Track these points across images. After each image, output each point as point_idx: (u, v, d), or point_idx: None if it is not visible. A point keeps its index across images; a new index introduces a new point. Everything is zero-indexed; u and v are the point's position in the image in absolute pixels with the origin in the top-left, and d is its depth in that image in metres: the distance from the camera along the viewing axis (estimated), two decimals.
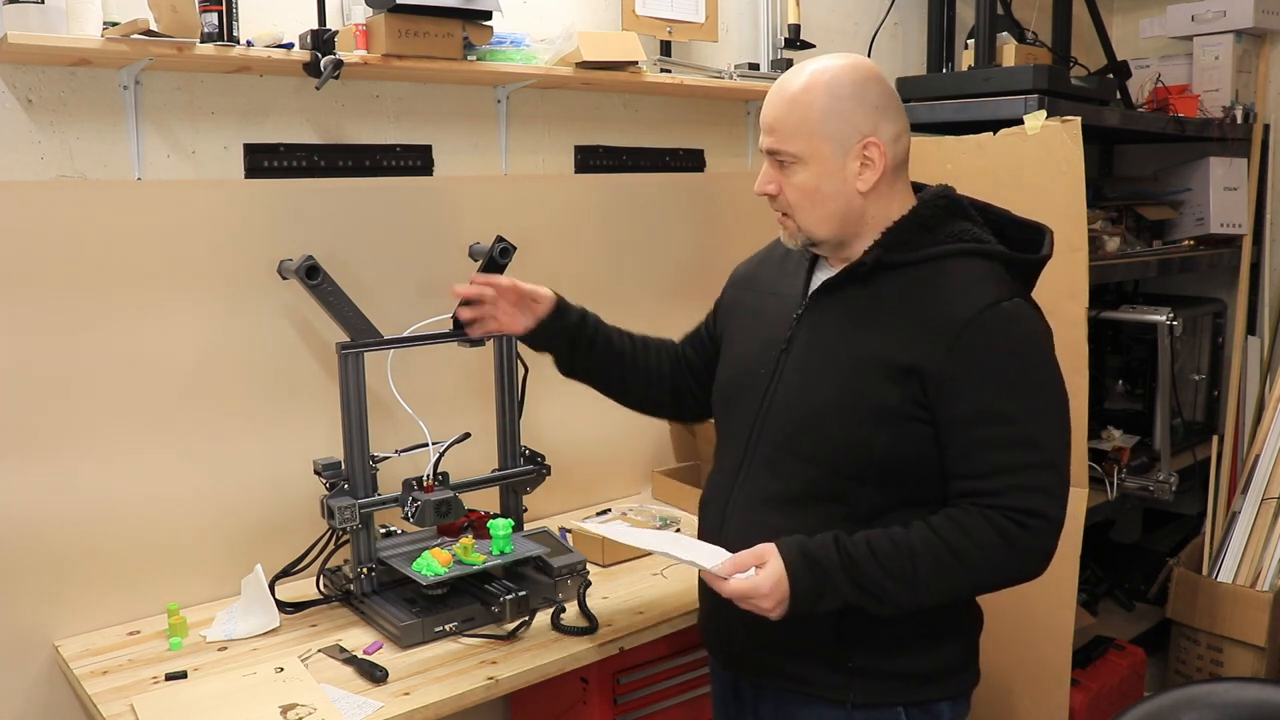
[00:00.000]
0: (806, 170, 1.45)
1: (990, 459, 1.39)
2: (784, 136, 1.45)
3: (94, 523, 1.87)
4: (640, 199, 2.59)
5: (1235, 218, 3.27)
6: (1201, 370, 3.33)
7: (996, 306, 1.40)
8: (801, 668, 1.50)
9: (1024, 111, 2.38)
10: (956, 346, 1.38)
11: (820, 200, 1.46)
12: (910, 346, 1.40)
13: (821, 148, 1.43)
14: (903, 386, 1.40)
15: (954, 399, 1.39)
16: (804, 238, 1.50)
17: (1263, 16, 3.19)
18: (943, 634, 1.52)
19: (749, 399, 1.56)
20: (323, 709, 1.56)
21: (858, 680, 1.49)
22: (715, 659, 1.71)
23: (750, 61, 2.67)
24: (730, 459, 1.58)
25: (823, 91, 1.43)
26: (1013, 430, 1.39)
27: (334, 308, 1.88)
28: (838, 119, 1.42)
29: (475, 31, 2.04)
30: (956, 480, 1.42)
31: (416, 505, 1.89)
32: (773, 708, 1.58)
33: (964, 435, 1.40)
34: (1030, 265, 1.51)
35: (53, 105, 1.80)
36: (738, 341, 1.65)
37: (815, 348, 1.50)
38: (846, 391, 1.44)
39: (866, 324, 1.45)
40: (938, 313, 1.40)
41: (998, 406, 1.38)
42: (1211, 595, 2.96)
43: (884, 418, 1.41)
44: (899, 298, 1.44)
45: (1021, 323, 1.42)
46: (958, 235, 1.47)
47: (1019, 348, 1.41)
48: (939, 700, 1.52)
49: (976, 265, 1.45)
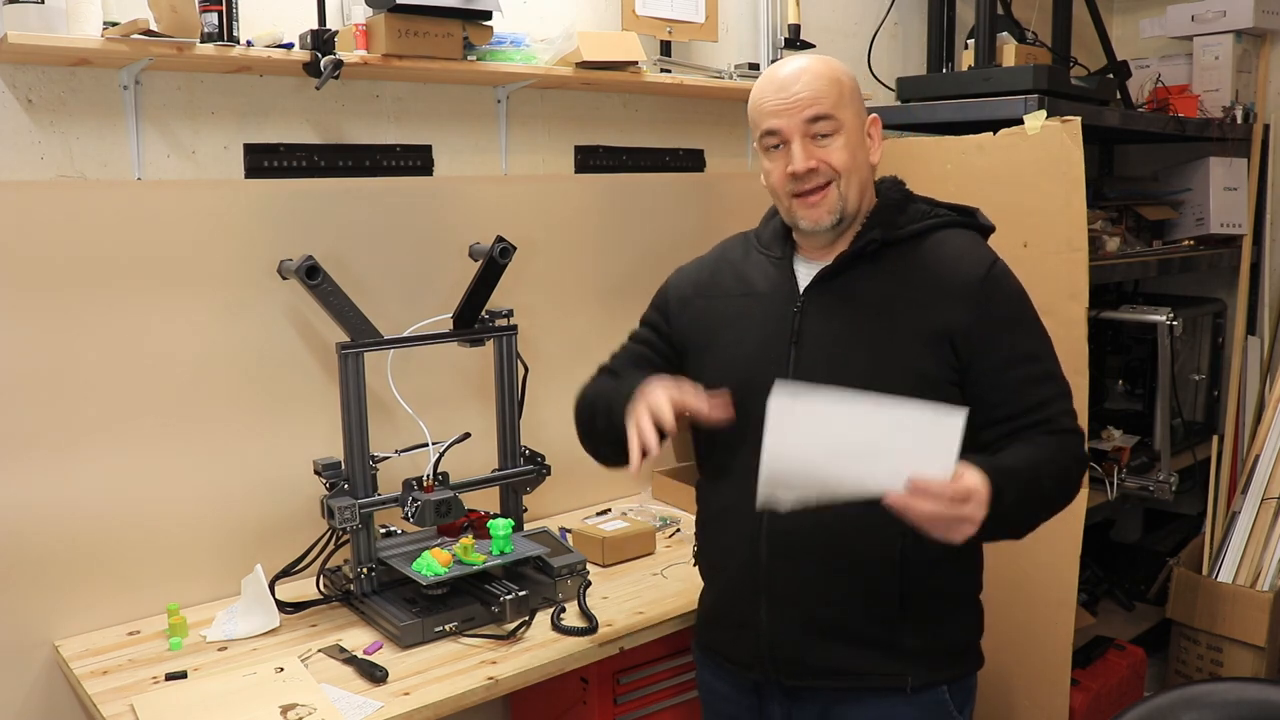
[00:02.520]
0: (846, 138, 1.52)
1: (1032, 393, 1.50)
2: (831, 105, 1.51)
3: (94, 523, 1.87)
4: (640, 199, 2.59)
5: (1235, 218, 3.26)
6: (1201, 370, 3.33)
7: (997, 264, 1.55)
8: (852, 660, 1.51)
9: (1024, 111, 2.37)
10: (980, 303, 1.50)
11: (856, 168, 1.53)
12: (939, 312, 1.50)
13: (854, 120, 1.53)
14: (937, 352, 1.49)
15: (988, 349, 1.49)
16: (840, 209, 1.53)
17: (1263, 16, 3.19)
18: (969, 604, 1.60)
19: (764, 397, 1.50)
20: (323, 709, 1.56)
21: (912, 663, 1.52)
22: (740, 670, 1.62)
23: (750, 61, 2.67)
24: (752, 460, 1.43)
25: (844, 72, 1.55)
26: (1039, 366, 1.52)
27: (334, 308, 1.88)
28: (858, 97, 1.56)
29: (475, 31, 2.04)
30: (1004, 422, 1.49)
31: (416, 505, 1.89)
32: (811, 713, 1.56)
33: (1005, 378, 1.49)
34: (986, 233, 1.65)
35: (53, 105, 1.80)
36: (728, 345, 1.60)
37: (833, 332, 1.52)
38: (885, 364, 1.48)
39: (885, 298, 1.52)
40: (953, 276, 1.51)
41: (1024, 347, 1.52)
42: (1211, 595, 2.96)
43: (925, 384, 1.46)
44: (908, 270, 1.53)
45: (1013, 276, 1.57)
46: (925, 214, 1.59)
47: (1021, 295, 1.56)
48: (967, 675, 1.60)
49: (961, 234, 1.58)
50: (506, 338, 2.07)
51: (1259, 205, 3.36)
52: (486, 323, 2.06)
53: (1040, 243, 2.28)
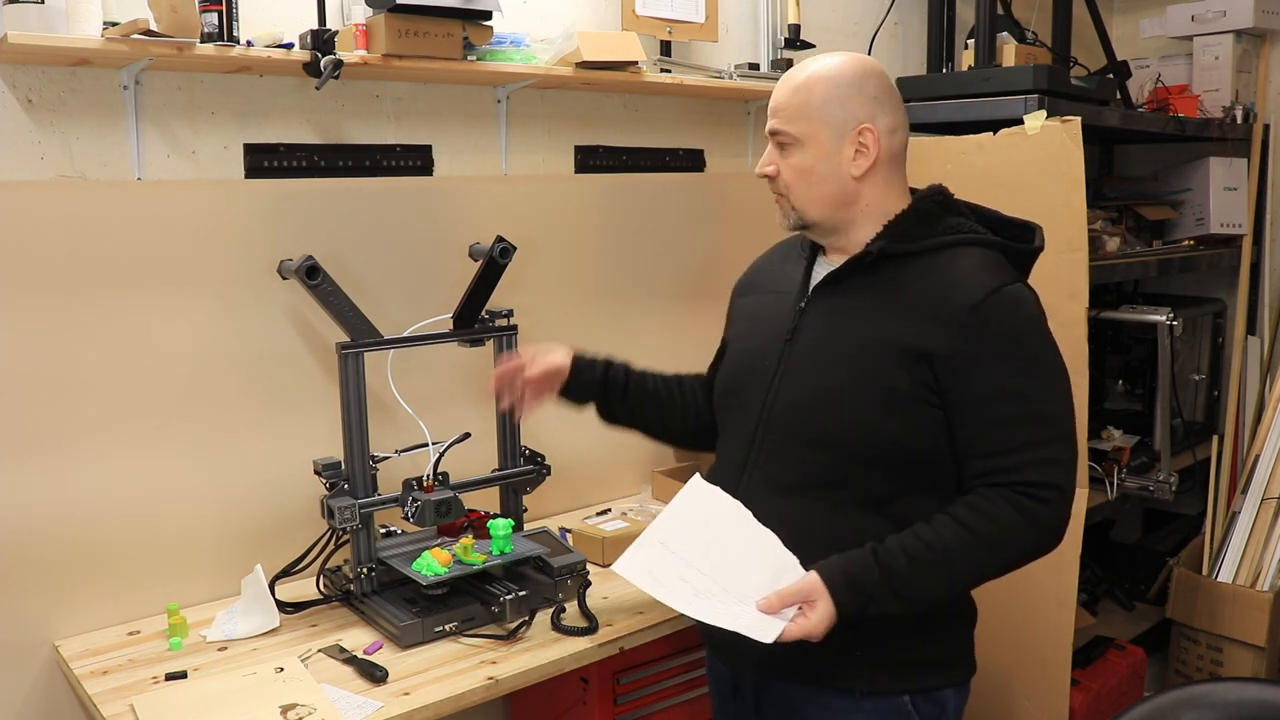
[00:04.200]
0: (804, 152, 1.52)
1: (1004, 436, 1.44)
2: (786, 119, 1.53)
3: (94, 523, 1.87)
4: (640, 199, 2.59)
5: (1235, 218, 3.27)
6: (1201, 370, 3.33)
7: (1001, 290, 1.46)
8: (808, 658, 1.50)
9: (1024, 111, 2.38)
10: (967, 329, 1.43)
11: (814, 181, 1.52)
12: (920, 331, 1.45)
13: (820, 132, 1.50)
14: (912, 371, 1.45)
15: (967, 380, 1.44)
16: (796, 217, 1.56)
17: (1263, 16, 3.19)
18: (945, 622, 1.54)
19: (754, 391, 1.58)
20: (323, 709, 1.56)
21: (865, 668, 1.51)
22: (717, 655, 1.71)
23: (750, 61, 2.67)
24: (736, 451, 1.60)
25: (825, 80, 1.51)
26: (1024, 407, 1.44)
27: (334, 308, 1.88)
28: (836, 105, 1.50)
29: (475, 31, 2.04)
30: (972, 460, 1.46)
31: (416, 505, 1.89)
32: (776, 702, 1.59)
33: (978, 415, 1.44)
34: (1024, 256, 1.58)
35: (53, 105, 1.80)
36: (741, 338, 1.69)
37: (821, 336, 1.53)
38: (855, 376, 1.48)
39: (874, 311, 1.50)
40: (946, 298, 1.46)
41: (1009, 385, 1.44)
42: (1211, 595, 2.96)
43: (894, 402, 1.45)
44: (905, 285, 1.49)
45: (1024, 305, 1.48)
46: (954, 228, 1.53)
47: (1025, 328, 1.47)
48: (943, 688, 1.55)
49: (977, 254, 1.51)
50: (506, 338, 2.07)
51: (1259, 205, 3.36)
52: (486, 323, 2.06)
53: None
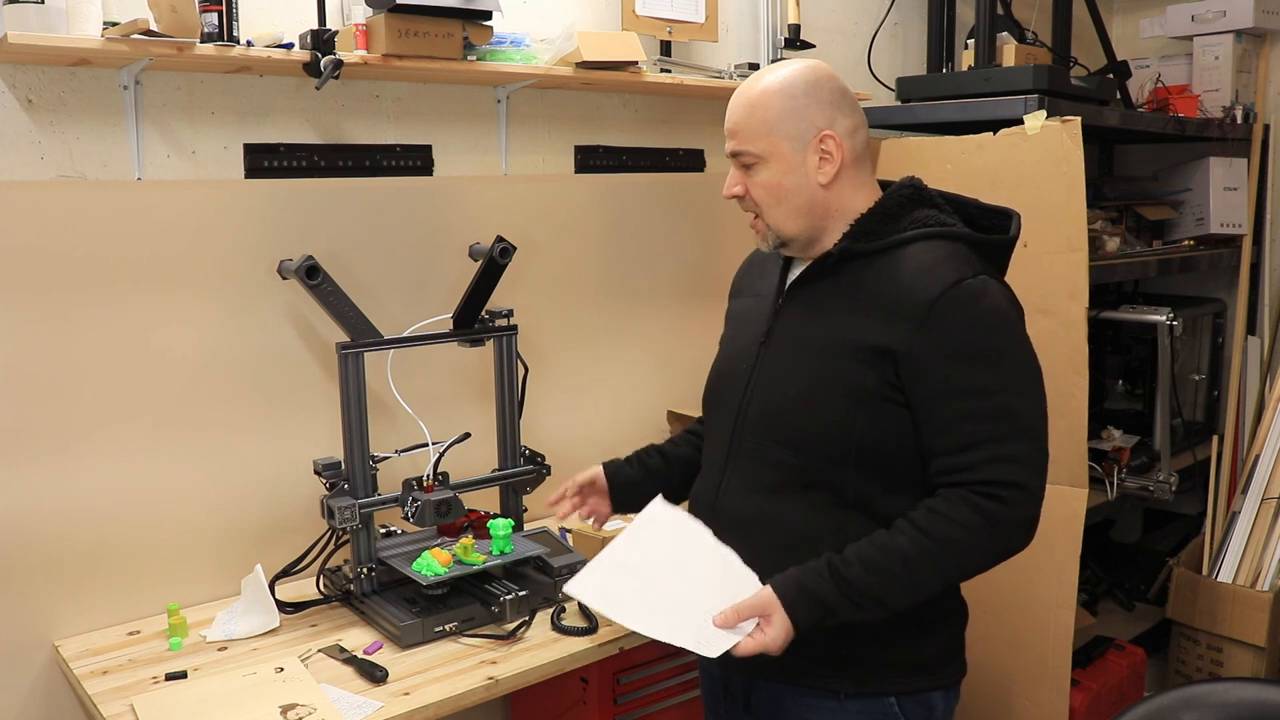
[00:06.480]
0: (769, 169, 1.50)
1: (963, 433, 1.41)
2: (745, 138, 1.50)
3: (94, 523, 1.87)
4: (640, 199, 2.59)
5: (1235, 218, 3.27)
6: (1201, 370, 3.33)
7: (960, 284, 1.42)
8: (794, 659, 1.50)
9: (1024, 111, 2.38)
10: (925, 325, 1.41)
11: (785, 196, 1.50)
12: (881, 328, 1.44)
13: (781, 145, 1.49)
14: (877, 368, 1.43)
15: (925, 377, 1.42)
16: (775, 236, 1.54)
17: (1263, 16, 3.19)
18: (931, 624, 1.54)
19: (732, 394, 1.59)
20: (323, 709, 1.56)
21: (850, 670, 1.51)
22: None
23: (750, 61, 2.67)
24: (717, 454, 1.61)
25: (778, 92, 1.48)
26: (984, 403, 1.41)
27: (334, 308, 1.88)
28: (794, 116, 1.48)
29: (475, 31, 2.04)
30: (933, 459, 1.44)
31: (416, 505, 1.89)
32: (764, 702, 1.59)
33: (937, 412, 1.42)
34: (997, 247, 1.54)
35: (53, 105, 1.80)
36: (727, 341, 1.71)
37: (790, 338, 1.54)
38: (821, 375, 1.48)
39: (837, 310, 1.49)
40: (905, 294, 1.43)
41: (968, 381, 1.41)
42: (1211, 595, 2.96)
43: (860, 400, 1.44)
44: (867, 283, 1.48)
45: (986, 299, 1.44)
46: (922, 221, 1.51)
47: (986, 323, 1.43)
48: (931, 690, 1.54)
49: (941, 247, 1.48)
50: (506, 338, 2.07)
51: (1259, 205, 3.36)
52: (486, 323, 2.06)
53: (1040, 243, 2.28)
